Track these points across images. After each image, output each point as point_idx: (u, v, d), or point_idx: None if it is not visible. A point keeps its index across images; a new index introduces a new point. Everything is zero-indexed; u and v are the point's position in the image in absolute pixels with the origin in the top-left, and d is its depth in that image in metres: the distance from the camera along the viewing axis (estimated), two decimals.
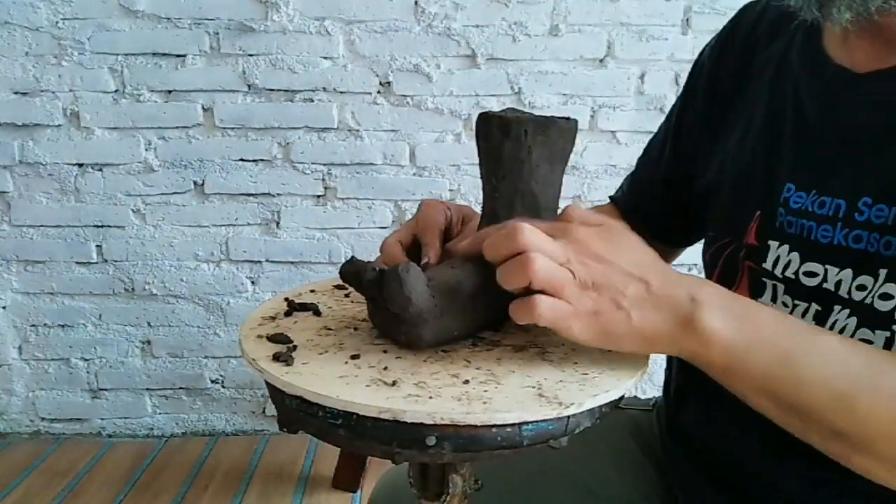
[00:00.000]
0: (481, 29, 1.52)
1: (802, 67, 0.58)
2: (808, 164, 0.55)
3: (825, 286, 0.52)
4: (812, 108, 0.56)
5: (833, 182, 0.52)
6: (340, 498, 1.47)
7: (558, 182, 0.56)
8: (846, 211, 0.51)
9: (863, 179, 0.51)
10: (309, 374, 0.48)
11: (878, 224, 0.49)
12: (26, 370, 1.70)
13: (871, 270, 0.50)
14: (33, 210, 1.60)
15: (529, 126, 0.53)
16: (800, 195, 0.55)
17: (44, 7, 1.49)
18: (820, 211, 0.53)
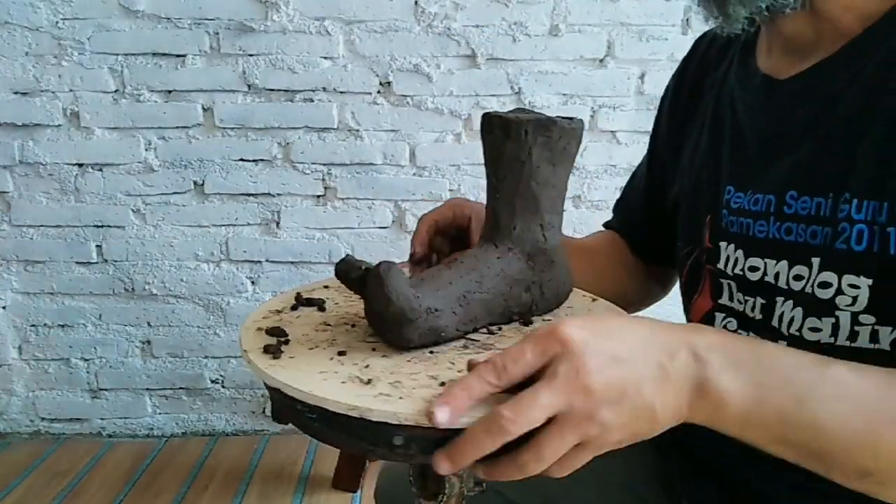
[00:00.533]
0: (481, 29, 1.52)
1: (738, 81, 0.64)
2: (743, 166, 0.60)
3: (766, 279, 0.56)
4: (744, 115, 0.61)
5: (763, 179, 0.57)
6: (340, 498, 1.47)
7: (561, 183, 0.56)
8: (776, 205, 0.55)
9: (787, 174, 0.55)
10: (292, 368, 0.48)
11: (804, 215, 0.53)
12: (26, 370, 1.70)
13: (804, 260, 0.53)
14: (33, 210, 1.60)
15: (530, 126, 0.53)
16: (738, 195, 0.59)
17: (44, 7, 1.49)
18: (755, 208, 0.57)
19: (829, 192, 0.52)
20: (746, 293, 0.58)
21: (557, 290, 0.58)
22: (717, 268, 0.61)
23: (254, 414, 1.74)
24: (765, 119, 0.59)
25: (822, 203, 0.52)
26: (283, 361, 0.49)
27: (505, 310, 0.55)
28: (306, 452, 1.64)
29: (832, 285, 0.51)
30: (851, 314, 0.51)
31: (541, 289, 0.57)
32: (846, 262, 0.50)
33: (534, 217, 0.55)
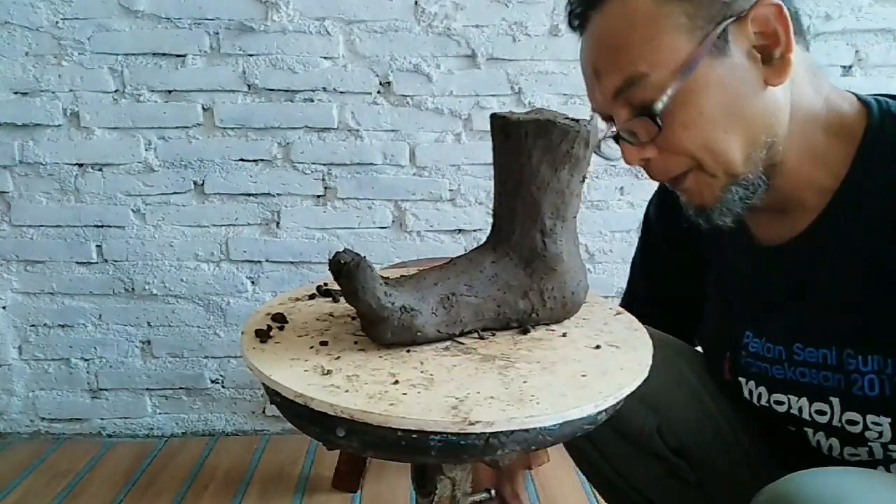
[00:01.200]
0: (481, 29, 1.52)
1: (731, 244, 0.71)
2: (756, 317, 0.68)
3: (792, 412, 0.64)
4: (746, 274, 0.70)
5: (772, 331, 0.65)
6: (340, 498, 1.47)
7: (565, 188, 0.54)
8: (786, 354, 0.63)
9: (788, 330, 0.63)
10: (270, 352, 0.50)
11: (813, 362, 0.61)
12: (26, 370, 1.70)
13: (822, 398, 0.61)
14: (33, 210, 1.60)
15: (530, 128, 0.52)
16: (756, 341, 0.67)
17: (44, 7, 1.49)
18: (769, 355, 0.65)
19: (832, 346, 0.59)
20: (775, 420, 0.66)
21: (564, 300, 0.57)
22: (743, 397, 0.69)
23: (254, 414, 1.74)
24: (762, 281, 0.67)
25: (828, 354, 0.60)
26: (268, 345, 0.51)
27: (499, 315, 0.55)
28: (306, 452, 1.64)
29: (858, 423, 0.59)
30: (881, 444, 0.58)
31: (542, 297, 0.56)
32: (865, 405, 0.58)
33: (533, 223, 0.54)
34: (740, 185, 0.60)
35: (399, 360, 0.50)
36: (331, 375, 0.46)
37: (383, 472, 1.52)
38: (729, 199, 0.60)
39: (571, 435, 0.45)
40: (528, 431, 0.42)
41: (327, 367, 0.48)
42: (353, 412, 0.41)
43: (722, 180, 0.60)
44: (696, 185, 0.61)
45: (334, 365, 0.48)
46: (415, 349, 0.52)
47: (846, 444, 0.60)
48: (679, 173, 0.61)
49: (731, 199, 0.60)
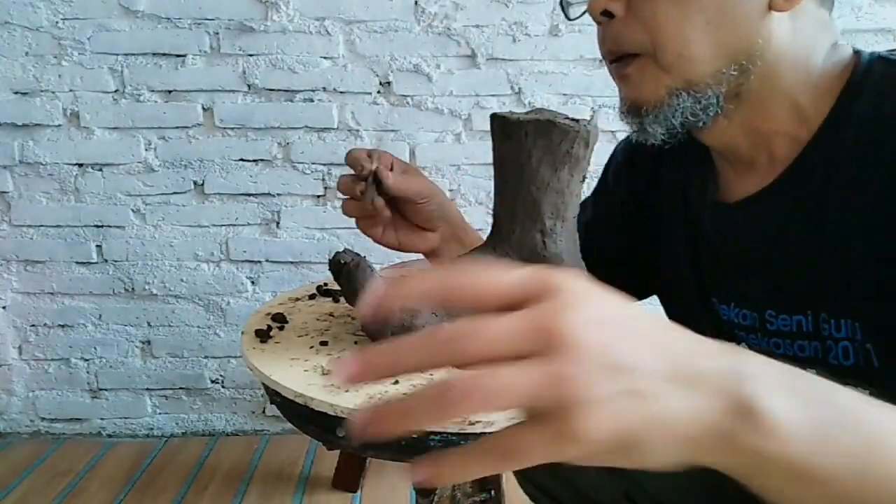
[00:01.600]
0: (481, 29, 1.52)
1: (699, 197, 0.65)
2: (722, 282, 0.62)
3: None
4: (712, 233, 0.63)
5: (743, 297, 0.59)
6: (340, 498, 1.47)
7: (566, 188, 0.54)
8: (759, 322, 0.57)
9: (760, 295, 0.57)
10: (269, 352, 0.50)
11: (787, 331, 0.55)
12: (26, 370, 1.70)
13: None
14: (33, 210, 1.60)
15: (530, 128, 0.52)
16: (724, 307, 0.61)
17: (44, 7, 1.49)
18: (744, 322, 0.59)
19: (807, 310, 0.54)
20: None
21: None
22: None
23: (254, 414, 1.74)
24: (729, 241, 0.61)
25: (803, 320, 0.54)
26: (268, 345, 0.51)
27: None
28: (306, 452, 1.64)
29: None
30: None
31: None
32: (841, 375, 0.42)
33: (533, 223, 0.54)
34: (690, 95, 0.54)
35: None
36: (331, 375, 0.46)
37: (383, 472, 1.52)
38: (670, 105, 0.54)
39: None
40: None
41: (327, 366, 0.48)
42: (352, 411, 0.42)
43: (672, 79, 0.54)
44: (640, 75, 0.55)
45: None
46: None
47: None
48: (629, 52, 0.55)
49: (672, 107, 0.54)
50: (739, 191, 0.60)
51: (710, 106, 0.54)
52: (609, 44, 0.57)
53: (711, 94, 0.54)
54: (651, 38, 0.53)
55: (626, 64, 0.56)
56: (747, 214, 0.58)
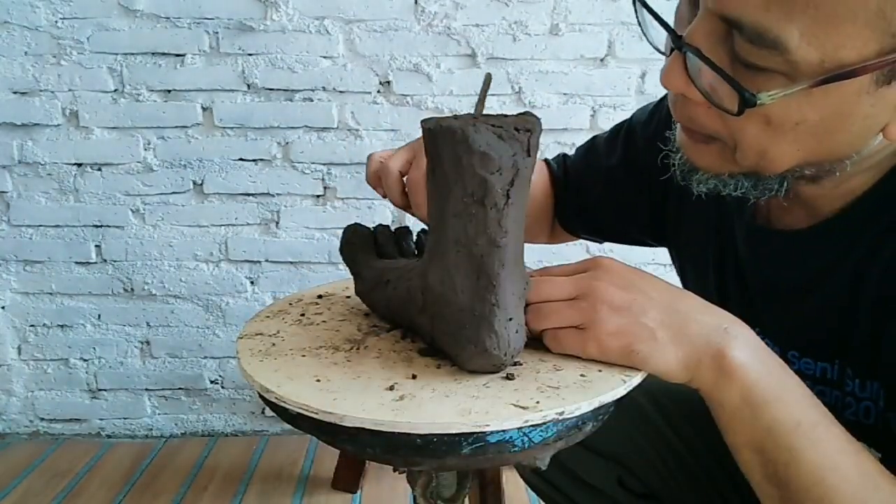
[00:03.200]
0: (481, 28, 1.52)
1: (737, 213, 0.62)
2: (750, 307, 0.59)
3: None
4: (745, 255, 0.61)
5: (768, 328, 0.57)
6: (340, 499, 1.47)
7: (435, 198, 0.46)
8: (781, 357, 0.54)
9: (787, 332, 0.56)
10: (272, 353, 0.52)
11: (809, 375, 0.54)
12: (25, 370, 1.69)
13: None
14: (32, 210, 1.59)
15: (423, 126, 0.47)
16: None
17: (43, 7, 1.49)
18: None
19: (835, 360, 0.53)
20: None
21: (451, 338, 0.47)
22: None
23: (253, 414, 1.73)
24: (760, 268, 0.59)
25: (829, 368, 0.54)
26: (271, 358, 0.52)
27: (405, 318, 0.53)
28: (306, 453, 1.64)
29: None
30: None
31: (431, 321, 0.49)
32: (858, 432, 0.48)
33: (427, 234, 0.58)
34: (752, 180, 0.49)
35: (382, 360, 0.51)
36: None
37: (383, 473, 1.52)
38: (728, 181, 0.50)
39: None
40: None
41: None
42: (307, 405, 0.44)
43: (742, 170, 0.49)
44: (708, 154, 0.50)
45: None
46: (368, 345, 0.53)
47: None
48: (704, 135, 0.49)
49: (729, 183, 0.50)
50: (783, 220, 0.56)
51: (769, 189, 0.50)
52: (685, 120, 0.50)
53: (776, 182, 0.49)
54: (730, 136, 0.47)
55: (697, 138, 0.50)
56: (789, 247, 0.55)
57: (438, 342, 0.49)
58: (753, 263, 0.60)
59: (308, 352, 0.51)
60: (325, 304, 0.63)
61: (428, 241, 0.49)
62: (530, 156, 0.44)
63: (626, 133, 0.77)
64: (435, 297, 0.47)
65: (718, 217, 0.64)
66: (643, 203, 0.75)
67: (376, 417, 0.41)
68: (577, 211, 0.81)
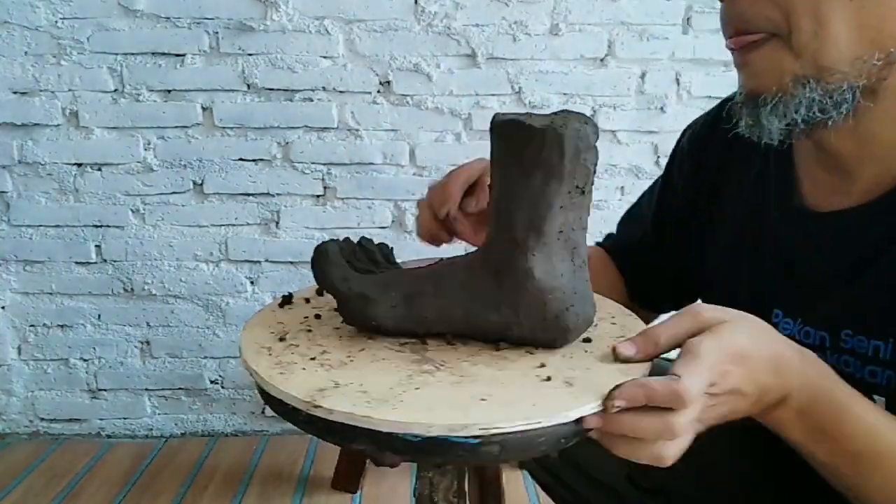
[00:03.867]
0: (481, 28, 1.52)
1: (777, 201, 0.59)
2: (792, 295, 0.57)
3: None
4: (788, 242, 0.58)
5: (814, 314, 0.55)
6: (340, 499, 1.47)
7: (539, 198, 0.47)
8: (831, 342, 0.54)
9: (839, 313, 0.53)
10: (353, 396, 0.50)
11: (860, 353, 0.52)
12: (25, 370, 1.69)
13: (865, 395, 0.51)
14: (32, 210, 1.59)
15: (497, 128, 0.49)
16: (787, 321, 0.57)
17: (43, 6, 1.49)
18: (806, 340, 0.55)
19: (889, 338, 0.50)
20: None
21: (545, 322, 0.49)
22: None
23: (253, 414, 1.73)
24: (811, 253, 0.56)
25: (882, 346, 0.50)
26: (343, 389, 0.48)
27: (468, 323, 0.51)
28: (306, 453, 1.64)
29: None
30: None
31: (516, 312, 0.49)
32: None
33: (503, 231, 0.49)
34: (820, 85, 0.46)
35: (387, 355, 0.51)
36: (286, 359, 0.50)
37: (383, 473, 1.52)
38: (794, 94, 0.47)
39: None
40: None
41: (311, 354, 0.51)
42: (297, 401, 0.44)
43: (802, 65, 0.46)
44: (767, 61, 0.47)
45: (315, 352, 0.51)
46: (407, 341, 0.53)
47: None
48: (757, 34, 0.47)
49: (797, 98, 0.47)
50: (831, 201, 0.54)
51: (843, 101, 0.46)
52: (734, 21, 0.48)
53: (847, 88, 0.46)
54: (784, 15, 0.46)
55: (751, 48, 0.48)
56: (840, 226, 0.53)
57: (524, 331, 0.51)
58: (798, 248, 0.57)
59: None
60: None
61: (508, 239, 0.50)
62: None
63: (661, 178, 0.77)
64: (537, 287, 0.49)
65: (753, 214, 0.62)
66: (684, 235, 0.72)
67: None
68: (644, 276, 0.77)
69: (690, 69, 1.55)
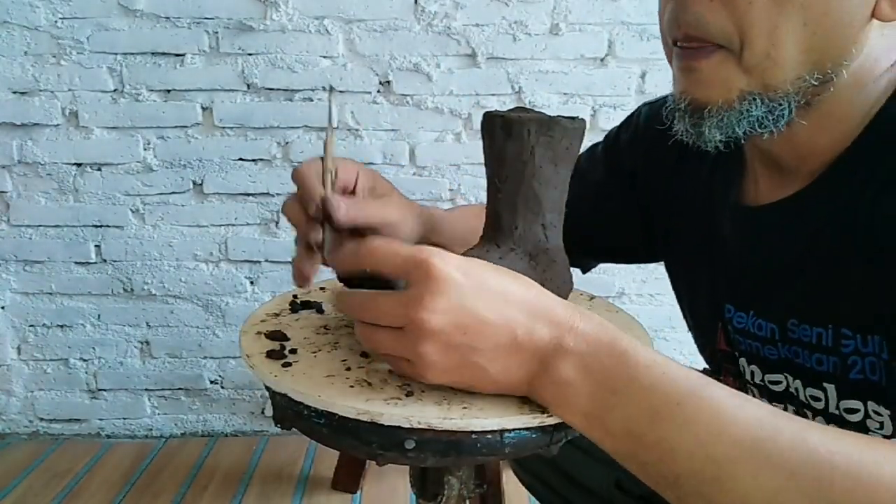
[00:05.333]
0: (481, 28, 1.52)
1: (723, 197, 0.61)
2: (740, 289, 0.59)
3: (790, 391, 0.56)
4: (731, 238, 0.60)
5: (763, 306, 0.56)
6: (340, 499, 1.47)
7: (563, 183, 0.55)
8: (780, 333, 0.54)
9: (783, 304, 0.54)
10: (298, 373, 0.48)
11: (806, 342, 0.52)
12: (25, 370, 1.69)
13: (815, 384, 0.52)
14: (32, 210, 1.59)
15: (532, 126, 0.52)
16: (740, 315, 0.58)
17: (42, 6, 1.49)
18: (759, 333, 0.56)
19: (828, 324, 0.51)
20: (773, 399, 0.58)
21: (558, 290, 0.56)
22: (740, 372, 0.61)
23: (253, 415, 1.73)
24: (750, 248, 0.57)
25: (823, 334, 0.51)
26: (294, 368, 0.49)
27: None
28: (306, 453, 1.64)
29: (859, 410, 0.51)
30: (883, 436, 0.49)
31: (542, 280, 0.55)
32: (867, 390, 0.49)
33: (536, 217, 0.54)
34: (763, 101, 0.48)
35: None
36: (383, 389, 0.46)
37: (383, 473, 1.52)
38: (739, 110, 0.48)
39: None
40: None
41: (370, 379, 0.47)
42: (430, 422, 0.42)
43: (749, 81, 0.48)
44: (716, 72, 0.48)
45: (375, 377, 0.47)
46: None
47: (847, 429, 0.50)
48: (709, 41, 0.48)
49: (740, 113, 0.48)
50: (769, 195, 0.56)
51: (781, 116, 0.48)
52: (685, 26, 0.48)
53: (785, 103, 0.48)
54: (739, 30, 0.46)
55: (700, 55, 0.49)
56: (776, 220, 0.55)
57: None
58: (742, 245, 0.58)
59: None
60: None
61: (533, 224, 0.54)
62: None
63: (604, 146, 0.77)
64: (563, 260, 0.56)
65: (705, 210, 0.63)
66: (633, 210, 0.73)
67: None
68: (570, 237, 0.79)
69: None
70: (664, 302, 1.66)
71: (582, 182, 0.71)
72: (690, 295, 0.68)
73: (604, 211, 0.74)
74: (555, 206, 0.55)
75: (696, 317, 0.67)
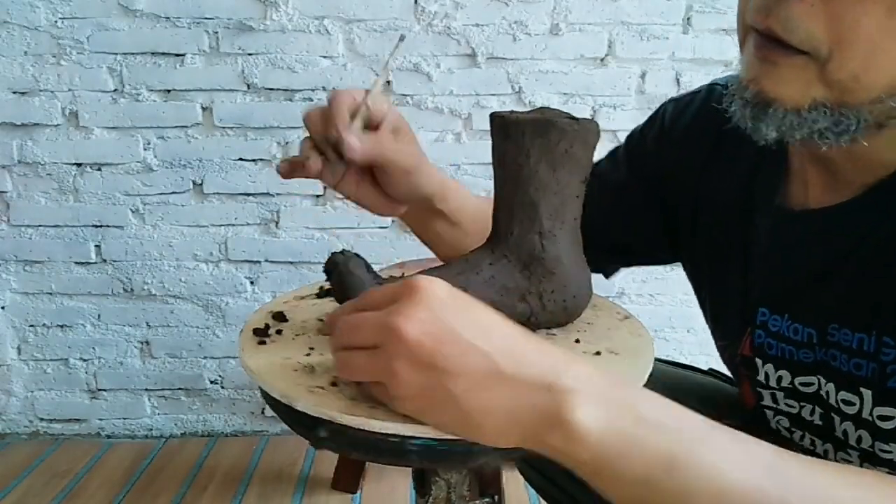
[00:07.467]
0: (481, 28, 1.52)
1: (765, 198, 0.60)
2: (777, 292, 0.57)
3: (821, 393, 0.55)
4: (774, 239, 0.58)
5: (801, 310, 0.55)
6: (339, 499, 1.47)
7: (565, 189, 0.52)
8: (818, 337, 0.54)
9: (825, 308, 0.53)
10: (264, 351, 0.51)
11: (846, 346, 0.52)
12: (25, 370, 1.69)
13: (851, 388, 0.52)
14: (32, 210, 1.59)
15: (527, 127, 0.51)
16: (775, 318, 0.57)
17: (42, 6, 1.49)
18: (795, 337, 0.56)
19: (872, 330, 0.49)
20: (801, 400, 0.57)
21: (564, 304, 0.54)
22: (756, 379, 0.60)
23: (253, 415, 1.73)
24: (792, 252, 0.56)
25: (865, 339, 0.50)
26: (265, 345, 0.51)
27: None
28: (305, 453, 1.64)
29: (893, 418, 0.49)
30: None
31: (540, 300, 0.53)
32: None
33: (532, 224, 0.52)
34: (834, 114, 0.45)
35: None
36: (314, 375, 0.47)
37: (383, 474, 1.52)
38: (804, 117, 0.45)
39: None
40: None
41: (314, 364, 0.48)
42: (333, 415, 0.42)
43: (826, 95, 0.44)
44: (797, 74, 0.45)
45: (323, 364, 0.48)
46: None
47: (878, 439, 0.51)
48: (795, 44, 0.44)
49: (806, 119, 0.45)
50: (820, 199, 0.54)
51: (845, 131, 0.45)
52: (774, 20, 0.44)
53: (854, 121, 0.45)
54: (832, 42, 0.43)
55: (782, 52, 0.45)
56: (824, 224, 0.53)
57: (545, 316, 0.54)
58: (784, 248, 0.57)
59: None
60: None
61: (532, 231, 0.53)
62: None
63: (626, 146, 0.75)
64: (566, 272, 0.53)
65: (743, 211, 0.62)
66: (656, 209, 0.71)
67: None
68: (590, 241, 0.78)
69: (690, 69, 1.55)
70: (664, 302, 1.67)
71: (602, 184, 0.71)
72: (715, 296, 0.66)
73: (626, 212, 0.73)
74: (555, 214, 0.52)
75: (720, 319, 0.66)
